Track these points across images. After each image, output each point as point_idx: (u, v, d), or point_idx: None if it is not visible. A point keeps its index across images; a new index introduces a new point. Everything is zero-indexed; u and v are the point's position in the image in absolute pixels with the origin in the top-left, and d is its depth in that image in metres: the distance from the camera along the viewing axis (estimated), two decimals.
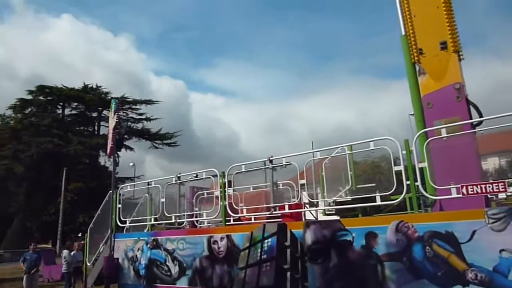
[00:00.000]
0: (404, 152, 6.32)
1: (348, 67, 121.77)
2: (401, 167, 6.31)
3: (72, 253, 12.65)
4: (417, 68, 7.38)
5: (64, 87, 47.94)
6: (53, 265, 17.61)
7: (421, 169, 6.10)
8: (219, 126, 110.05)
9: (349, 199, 8.56)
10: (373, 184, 9.10)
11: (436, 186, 5.97)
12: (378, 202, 6.69)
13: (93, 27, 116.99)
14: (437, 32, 7.15)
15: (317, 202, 8.56)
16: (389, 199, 6.98)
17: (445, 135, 6.12)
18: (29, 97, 47.51)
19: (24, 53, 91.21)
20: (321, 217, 8.95)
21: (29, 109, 48.14)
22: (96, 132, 50.21)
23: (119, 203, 11.05)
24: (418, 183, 6.06)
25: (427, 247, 5.52)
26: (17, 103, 47.01)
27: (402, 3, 7.70)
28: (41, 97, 48.15)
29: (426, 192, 6.15)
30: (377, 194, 6.75)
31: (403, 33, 7.66)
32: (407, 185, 6.18)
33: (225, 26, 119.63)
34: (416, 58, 7.35)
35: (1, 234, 38.97)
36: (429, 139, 6.25)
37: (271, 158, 8.22)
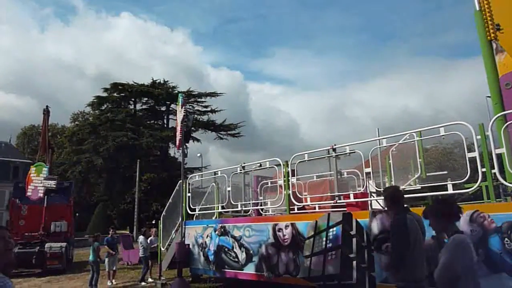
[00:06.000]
0: (479, 137, 5.92)
1: (410, 48, 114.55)
2: (476, 154, 5.91)
3: (149, 239, 13.56)
4: (494, 45, 6.80)
5: (135, 84, 50.82)
6: (131, 249, 19.02)
7: (499, 156, 5.68)
8: (278, 115, 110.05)
9: (419, 188, 8.20)
10: (445, 172, 8.63)
11: None
12: (450, 191, 6.35)
13: (151, 23, 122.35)
14: None
15: None
16: (462, 188, 6.59)
17: None
18: (105, 94, 51.21)
19: (89, 53, 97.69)
20: None
21: (105, 106, 51.88)
22: (165, 125, 52.77)
23: (189, 192, 11.62)
24: (496, 170, 5.65)
25: (506, 239, 5.17)
26: (95, 100, 50.82)
27: None
28: (115, 94, 51.60)
29: (506, 180, 5.72)
30: (449, 182, 6.41)
31: (477, 8, 7.08)
32: (483, 172, 5.79)
33: (278, 14, 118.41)
34: (492, 35, 6.76)
35: (86, 221, 42.83)
36: (508, 123, 5.78)
37: (334, 147, 8.12)
